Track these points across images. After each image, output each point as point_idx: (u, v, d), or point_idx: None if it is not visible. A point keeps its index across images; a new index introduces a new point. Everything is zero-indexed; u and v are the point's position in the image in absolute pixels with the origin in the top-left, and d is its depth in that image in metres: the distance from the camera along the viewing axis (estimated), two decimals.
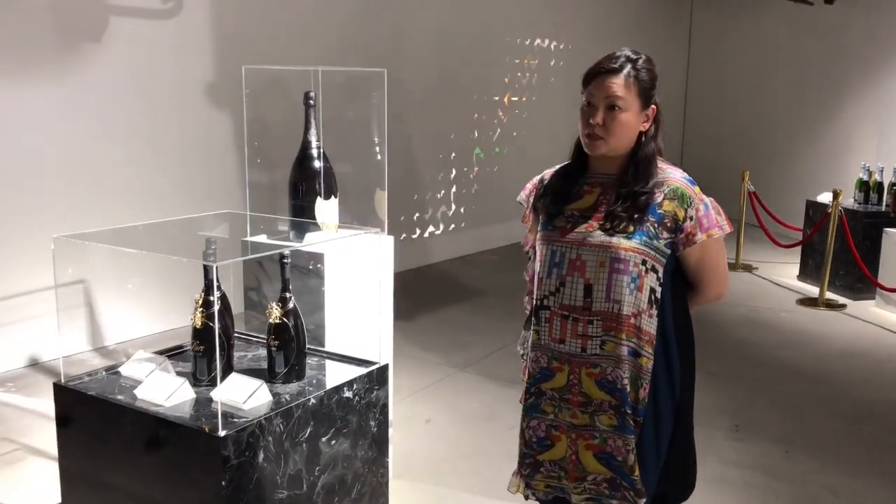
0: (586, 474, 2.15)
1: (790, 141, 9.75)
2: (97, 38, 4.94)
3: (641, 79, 2.06)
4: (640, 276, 2.05)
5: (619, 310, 2.05)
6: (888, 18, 8.22)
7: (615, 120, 2.05)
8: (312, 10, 6.21)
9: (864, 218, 6.67)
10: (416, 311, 5.96)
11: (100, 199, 4.94)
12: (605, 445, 2.11)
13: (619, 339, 2.06)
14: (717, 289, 2.21)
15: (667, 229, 2.06)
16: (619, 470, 2.11)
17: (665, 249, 2.07)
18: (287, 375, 2.44)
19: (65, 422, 2.38)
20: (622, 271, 2.04)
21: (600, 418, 2.11)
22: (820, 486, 3.50)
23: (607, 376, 2.08)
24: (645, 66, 2.08)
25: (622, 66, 2.05)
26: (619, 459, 2.10)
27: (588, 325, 2.08)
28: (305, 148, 2.93)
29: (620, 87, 2.04)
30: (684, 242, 2.07)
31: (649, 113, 2.10)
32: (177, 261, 2.43)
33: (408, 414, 4.14)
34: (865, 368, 5.07)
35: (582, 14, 9.53)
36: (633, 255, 2.04)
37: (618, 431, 2.09)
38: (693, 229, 2.06)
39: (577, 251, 2.09)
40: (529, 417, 2.23)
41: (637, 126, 2.09)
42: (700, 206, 2.07)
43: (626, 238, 2.04)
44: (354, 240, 2.96)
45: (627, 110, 2.05)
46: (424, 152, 7.55)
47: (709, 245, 2.09)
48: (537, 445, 2.23)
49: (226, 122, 5.60)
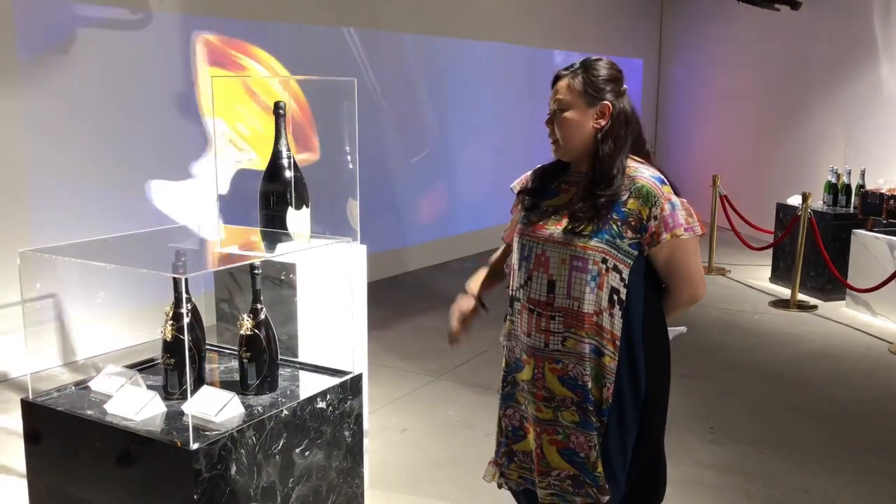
0: (550, 469, 2.18)
1: (760, 145, 9.88)
2: (65, 49, 4.89)
3: (585, 78, 2.09)
4: (601, 273, 2.06)
5: (578, 307, 2.07)
6: (854, 24, 8.36)
7: (560, 120, 2.12)
8: (282, 20, 6.19)
9: (833, 220, 6.76)
10: (391, 320, 5.95)
11: (68, 212, 4.88)
12: (567, 441, 2.14)
13: (580, 337, 2.08)
14: (689, 291, 2.19)
15: (631, 228, 2.06)
16: (581, 466, 2.12)
17: (630, 250, 2.08)
18: (259, 387, 2.42)
19: (33, 438, 2.34)
20: (581, 269, 2.06)
21: (563, 414, 2.13)
22: (793, 487, 3.54)
23: (569, 372, 2.10)
24: (594, 66, 2.11)
25: (566, 72, 2.13)
26: (581, 456, 2.12)
27: (550, 320, 2.11)
28: (276, 158, 2.92)
29: (562, 90, 2.11)
30: (649, 242, 2.08)
31: (601, 109, 2.10)
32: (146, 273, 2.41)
33: (384, 423, 4.12)
34: (837, 369, 5.14)
35: (551, 19, 9.59)
36: (593, 254, 2.05)
37: (580, 428, 2.11)
38: (657, 228, 2.06)
39: (542, 246, 2.13)
40: (506, 406, 2.28)
41: (585, 124, 2.10)
42: (666, 206, 2.06)
43: (586, 237, 2.06)
44: (326, 249, 2.94)
45: (569, 109, 2.10)
46: (397, 160, 7.54)
47: (676, 246, 2.08)
48: (512, 434, 2.27)
49: (195, 133, 5.56)
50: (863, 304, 6.35)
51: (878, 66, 8.04)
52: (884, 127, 7.95)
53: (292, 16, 6.26)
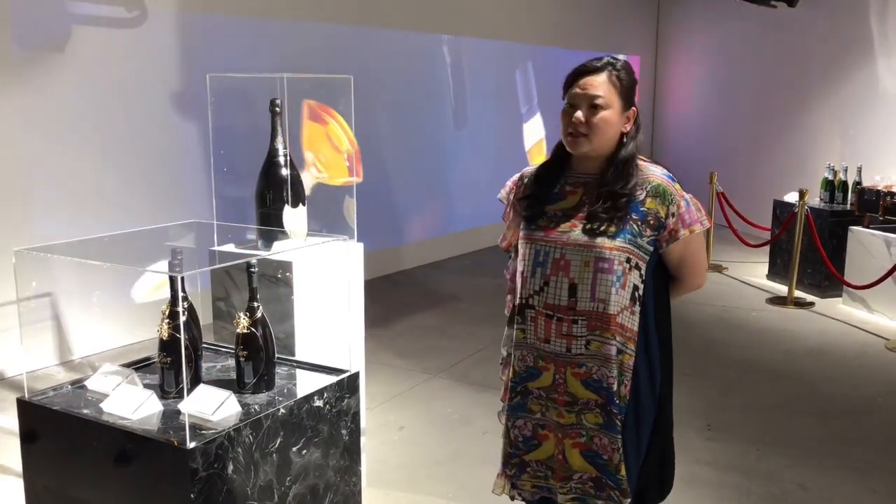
0: (573, 473, 2.15)
1: (756, 142, 9.88)
2: (60, 47, 4.87)
3: (623, 79, 2.09)
4: (625, 273, 2.06)
5: (604, 309, 2.06)
6: (850, 21, 8.36)
7: (598, 117, 2.06)
8: (278, 17, 6.17)
9: (830, 217, 6.77)
10: (389, 318, 5.94)
11: (64, 211, 4.87)
12: (591, 443, 2.12)
13: (605, 339, 2.07)
14: (697, 280, 2.25)
15: (650, 227, 2.07)
16: (604, 469, 2.12)
17: (648, 247, 2.09)
18: (256, 385, 2.41)
19: (30, 438, 2.33)
20: (607, 270, 2.05)
21: (587, 416, 2.11)
22: (791, 483, 3.54)
23: (593, 375, 2.09)
24: (624, 69, 2.12)
25: (603, 67, 2.09)
26: (604, 458, 2.11)
27: (573, 324, 2.08)
28: (272, 156, 2.90)
29: (602, 86, 2.07)
30: (668, 239, 2.09)
31: (630, 115, 2.11)
32: (143, 272, 2.40)
33: (381, 421, 4.12)
34: (834, 365, 5.14)
35: (548, 17, 9.59)
36: (618, 254, 2.05)
37: (604, 429, 2.10)
38: (676, 226, 2.08)
39: (560, 251, 2.10)
40: (515, 417, 2.23)
41: (619, 126, 2.10)
42: (681, 203, 2.09)
43: (609, 238, 2.05)
44: (323, 247, 2.93)
45: (609, 108, 2.07)
46: (394, 158, 7.53)
47: (691, 240, 2.12)
48: (523, 445, 2.22)
49: (191, 131, 5.55)
50: (859, 301, 6.36)
51: (875, 63, 8.04)
52: (880, 124, 7.95)
53: (289, 13, 6.24)
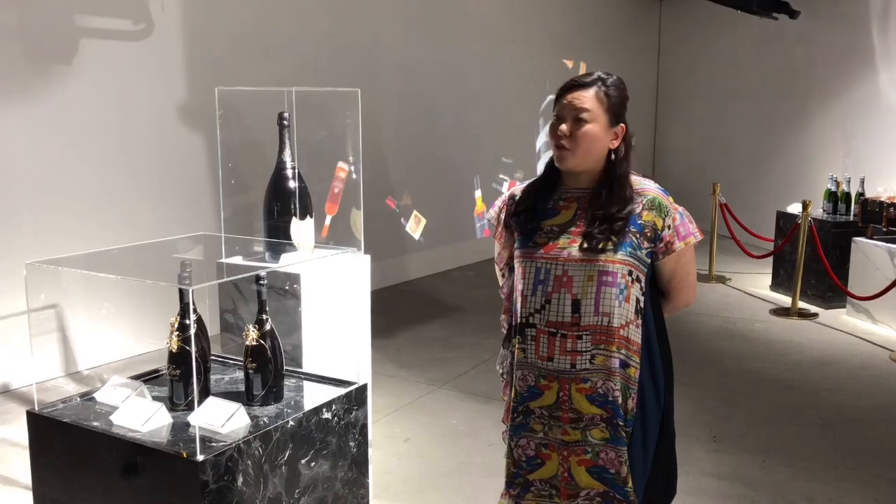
0: (579, 490, 2.15)
1: (759, 153, 9.90)
2: (68, 60, 4.91)
3: (610, 94, 2.10)
4: (627, 286, 2.07)
5: (608, 322, 2.06)
6: (851, 33, 8.39)
7: (581, 131, 2.07)
8: (285, 30, 6.21)
9: (833, 228, 6.78)
10: (393, 329, 5.95)
11: (73, 224, 4.89)
12: (597, 459, 2.12)
13: (610, 352, 2.07)
14: (687, 296, 2.24)
15: (647, 239, 2.09)
16: (612, 483, 2.11)
17: (646, 259, 2.11)
18: (265, 398, 2.42)
19: (39, 450, 2.34)
20: (611, 283, 2.05)
21: (592, 433, 2.11)
22: (796, 494, 3.54)
23: (598, 390, 2.09)
24: (615, 85, 2.12)
25: (592, 83, 2.09)
26: (612, 472, 2.11)
27: (577, 340, 2.08)
28: (280, 168, 2.93)
29: (588, 100, 2.07)
30: (663, 251, 2.11)
31: (618, 131, 2.11)
32: (152, 284, 2.41)
33: (387, 433, 4.12)
34: (839, 376, 5.14)
35: (550, 29, 9.63)
36: (621, 267, 2.06)
37: (610, 444, 2.10)
38: (671, 238, 2.10)
39: (563, 267, 2.09)
40: (518, 437, 2.21)
41: (605, 141, 2.10)
42: (676, 215, 2.12)
43: (610, 251, 2.06)
44: (330, 259, 2.95)
45: (594, 122, 2.07)
46: (399, 169, 7.56)
47: (684, 253, 2.13)
48: (527, 465, 2.21)
49: (199, 144, 5.58)
50: (863, 312, 6.36)
51: (877, 75, 8.07)
52: (882, 135, 7.97)
53: (292, 27, 6.28)
